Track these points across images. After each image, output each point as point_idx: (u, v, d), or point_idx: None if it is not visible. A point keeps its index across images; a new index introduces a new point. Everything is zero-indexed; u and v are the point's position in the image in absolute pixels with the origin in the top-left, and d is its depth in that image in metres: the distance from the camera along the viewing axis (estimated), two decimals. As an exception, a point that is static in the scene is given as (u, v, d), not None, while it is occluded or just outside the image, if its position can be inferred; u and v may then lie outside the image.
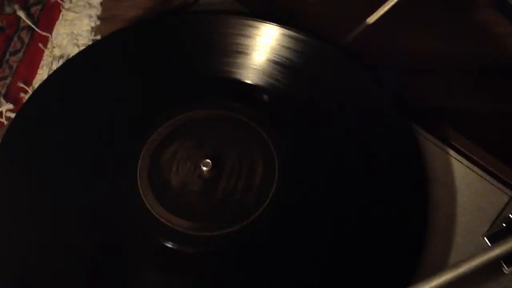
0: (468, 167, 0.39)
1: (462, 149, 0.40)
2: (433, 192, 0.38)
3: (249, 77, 0.42)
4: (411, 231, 0.35)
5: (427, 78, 0.50)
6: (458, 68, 0.51)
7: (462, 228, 0.37)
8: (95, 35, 0.56)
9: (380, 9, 0.47)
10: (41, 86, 0.43)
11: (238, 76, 0.42)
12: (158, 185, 0.38)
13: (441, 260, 0.36)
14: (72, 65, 0.44)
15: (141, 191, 0.37)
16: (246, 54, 0.43)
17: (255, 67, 0.42)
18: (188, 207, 0.37)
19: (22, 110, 0.41)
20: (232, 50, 0.43)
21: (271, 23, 0.42)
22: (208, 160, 0.37)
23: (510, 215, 0.36)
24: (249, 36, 0.42)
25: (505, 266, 0.34)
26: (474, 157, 0.40)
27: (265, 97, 0.41)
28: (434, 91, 0.49)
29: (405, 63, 0.51)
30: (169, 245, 0.35)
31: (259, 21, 0.42)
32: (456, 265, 0.32)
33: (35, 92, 0.42)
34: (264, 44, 0.43)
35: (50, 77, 0.44)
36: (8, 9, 0.58)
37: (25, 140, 0.40)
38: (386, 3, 0.47)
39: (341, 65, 0.42)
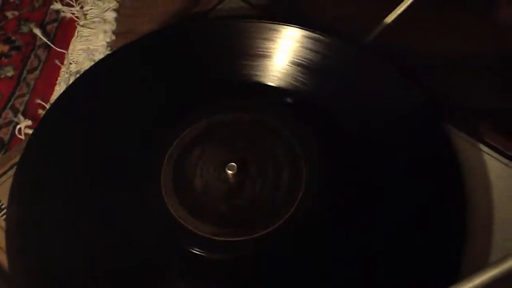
0: (502, 162, 0.38)
1: (495, 145, 0.39)
2: (469, 190, 0.36)
3: (272, 80, 0.42)
4: (450, 231, 0.34)
5: (452, 76, 0.49)
6: (483, 66, 0.50)
7: (500, 225, 0.35)
8: (110, 50, 0.56)
9: (397, 8, 0.47)
10: (57, 101, 0.42)
11: (261, 79, 0.42)
12: (182, 190, 0.37)
13: (482, 258, 0.34)
14: (87, 78, 0.44)
15: (165, 197, 0.36)
16: (269, 57, 0.42)
17: (278, 69, 0.42)
18: (213, 212, 0.36)
19: (40, 125, 0.41)
20: (254, 54, 0.42)
21: (292, 25, 0.41)
22: (233, 164, 0.36)
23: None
24: (271, 40, 0.42)
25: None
26: (508, 152, 0.38)
27: (289, 99, 0.41)
28: (460, 89, 0.48)
29: (427, 62, 0.50)
30: (194, 251, 0.34)
31: (280, 24, 0.42)
32: (496, 263, 0.30)
33: (52, 106, 0.42)
34: (286, 47, 0.42)
35: (66, 91, 0.43)
36: (24, 28, 0.58)
37: (45, 153, 0.39)
38: (403, 2, 0.47)
39: (365, 65, 0.41)
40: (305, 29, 0.42)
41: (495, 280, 0.30)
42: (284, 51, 0.42)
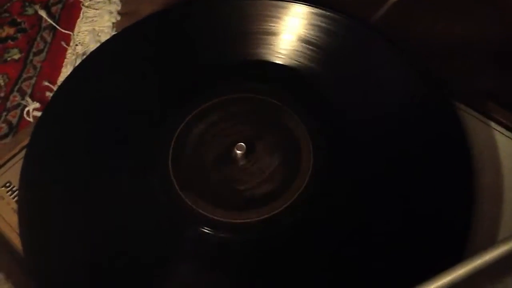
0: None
1: (505, 122, 0.39)
2: (477, 167, 0.36)
3: (280, 58, 0.41)
4: (457, 210, 0.34)
5: (457, 58, 0.48)
6: (488, 49, 0.50)
7: (509, 203, 0.35)
8: (116, 30, 0.56)
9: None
10: (64, 83, 0.42)
11: (268, 58, 0.41)
12: (190, 171, 0.37)
13: (491, 235, 0.34)
14: (94, 59, 0.43)
15: (173, 179, 0.36)
16: (276, 35, 0.41)
17: (285, 47, 0.41)
18: (221, 194, 0.36)
19: (48, 108, 0.41)
20: (261, 31, 0.42)
21: (300, 2, 0.41)
22: (242, 144, 0.36)
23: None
24: (276, 17, 0.41)
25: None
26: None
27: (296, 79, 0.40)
28: (467, 71, 0.47)
29: (434, 44, 0.50)
30: (203, 230, 0.34)
31: (287, 1, 0.41)
32: (504, 240, 0.30)
33: (59, 89, 0.42)
34: (292, 24, 0.42)
35: (72, 73, 0.43)
36: (29, 10, 0.58)
37: (54, 136, 0.40)
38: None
39: (375, 44, 0.40)
40: (311, 6, 0.41)
41: (503, 257, 0.30)
42: (291, 28, 0.42)
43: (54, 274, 0.33)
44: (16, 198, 0.38)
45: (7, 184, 0.39)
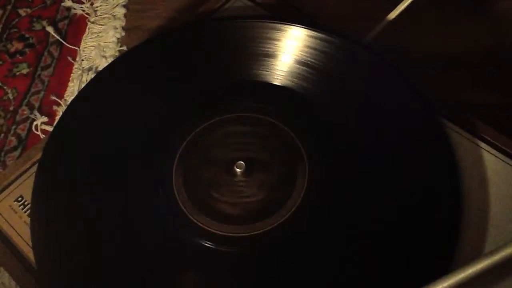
0: (498, 157, 0.40)
1: (491, 141, 0.40)
2: (465, 183, 0.38)
3: (278, 79, 0.43)
4: (446, 223, 0.36)
5: (450, 73, 0.50)
6: (479, 63, 0.52)
7: (495, 218, 0.37)
8: (121, 46, 0.58)
9: (400, 5, 0.48)
10: (74, 100, 0.44)
11: (267, 79, 0.43)
12: (192, 185, 0.39)
13: (476, 250, 0.36)
14: (103, 77, 0.45)
15: (175, 192, 0.39)
16: (274, 56, 0.44)
17: (283, 69, 0.43)
18: (220, 208, 0.38)
19: (60, 123, 0.43)
20: (260, 53, 0.44)
21: (297, 25, 0.43)
22: (242, 162, 0.38)
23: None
24: (276, 39, 0.43)
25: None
26: (503, 147, 0.40)
27: (293, 100, 0.42)
28: (456, 86, 0.49)
29: (425, 59, 0.52)
30: (203, 244, 0.36)
31: (285, 24, 0.43)
32: (490, 253, 0.32)
33: (70, 105, 0.44)
34: (291, 46, 0.44)
35: (82, 90, 0.45)
36: (37, 26, 0.60)
37: (64, 151, 0.41)
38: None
39: (367, 63, 0.43)
40: (309, 29, 0.43)
41: (487, 270, 0.32)
42: (289, 50, 0.44)
43: (67, 286, 0.35)
44: (28, 212, 0.40)
45: (19, 199, 0.41)
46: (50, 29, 0.59)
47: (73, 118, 0.43)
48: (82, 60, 0.57)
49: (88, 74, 0.56)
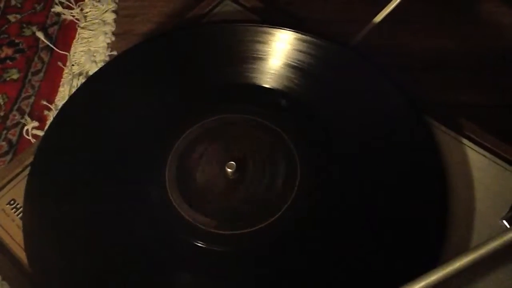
0: (482, 154, 0.41)
1: (477, 139, 0.42)
2: (451, 180, 0.39)
3: (267, 82, 0.44)
4: (433, 219, 0.37)
5: (436, 74, 0.52)
6: (465, 64, 0.53)
7: (481, 213, 0.38)
8: (111, 51, 0.58)
9: (385, 8, 0.49)
10: (65, 105, 0.44)
11: (256, 81, 0.44)
12: (185, 185, 0.40)
13: (463, 245, 0.37)
14: (93, 81, 0.46)
15: (168, 191, 0.39)
16: (263, 59, 0.44)
17: (272, 71, 0.44)
18: (213, 207, 0.39)
19: (51, 127, 0.43)
20: (249, 56, 0.44)
21: (286, 29, 0.44)
22: (233, 162, 0.39)
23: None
24: (265, 43, 0.44)
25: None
26: (488, 144, 0.41)
27: (283, 101, 0.43)
28: (443, 87, 0.50)
29: (411, 61, 0.53)
30: (195, 243, 0.37)
31: (274, 28, 0.44)
32: (476, 247, 0.33)
33: (61, 110, 0.44)
34: (280, 50, 0.44)
35: (73, 95, 0.45)
36: (27, 31, 0.60)
37: (56, 154, 0.42)
38: (392, 1, 0.49)
39: (354, 65, 0.44)
40: (298, 32, 0.44)
41: (473, 264, 0.33)
42: (278, 53, 0.44)
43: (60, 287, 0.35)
44: (20, 215, 0.40)
45: (11, 202, 0.41)
46: (40, 35, 0.59)
47: (64, 122, 0.43)
48: (72, 65, 0.58)
49: (78, 79, 0.56)
